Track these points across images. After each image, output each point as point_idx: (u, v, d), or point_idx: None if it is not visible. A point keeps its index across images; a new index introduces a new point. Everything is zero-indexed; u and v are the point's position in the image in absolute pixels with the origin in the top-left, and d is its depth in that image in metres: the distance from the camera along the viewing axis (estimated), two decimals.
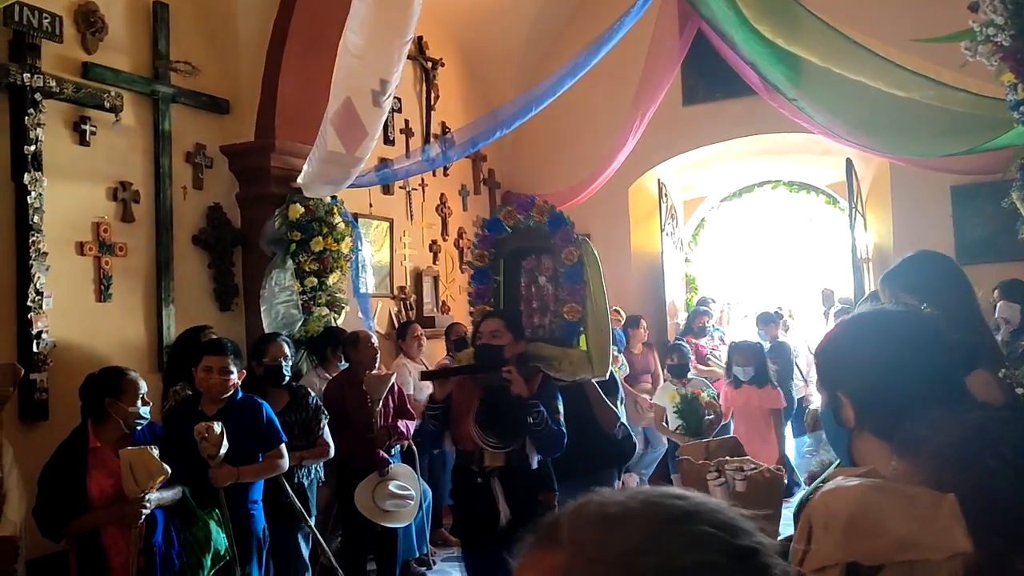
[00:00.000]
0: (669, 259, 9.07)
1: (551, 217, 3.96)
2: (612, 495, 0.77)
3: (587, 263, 3.86)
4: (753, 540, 0.74)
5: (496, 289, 4.16)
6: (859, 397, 1.52)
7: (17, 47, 4.43)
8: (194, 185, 5.49)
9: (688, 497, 0.76)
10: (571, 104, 7.64)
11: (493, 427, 3.54)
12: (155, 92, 5.20)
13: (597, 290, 3.84)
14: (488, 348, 3.60)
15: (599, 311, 3.83)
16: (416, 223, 7.80)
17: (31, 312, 4.36)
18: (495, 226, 4.16)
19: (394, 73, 5.28)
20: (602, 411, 4.00)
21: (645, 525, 0.72)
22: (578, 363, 3.74)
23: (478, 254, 4.17)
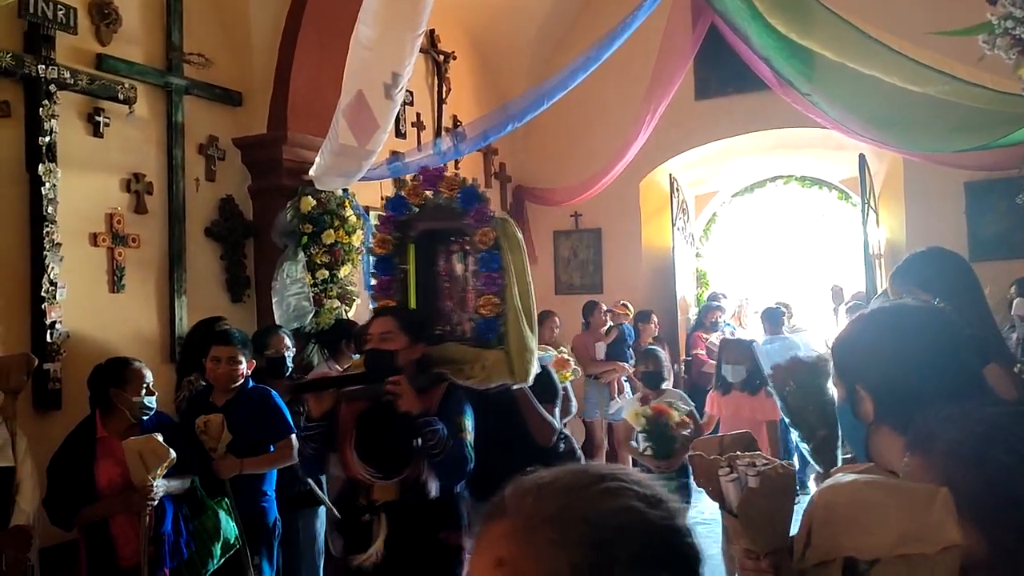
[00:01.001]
0: (680, 254, 9.06)
1: (463, 192, 3.34)
2: (545, 471, 0.90)
3: (507, 247, 3.30)
4: (659, 491, 0.87)
5: (404, 280, 3.57)
6: (879, 390, 1.51)
7: (32, 39, 4.45)
8: (207, 177, 5.51)
9: (606, 466, 0.92)
10: (583, 98, 7.62)
11: (374, 453, 2.95)
12: (168, 84, 5.22)
13: (520, 279, 3.30)
14: (376, 354, 3.02)
15: (522, 304, 3.29)
16: None
17: (45, 302, 4.39)
18: (398, 204, 3.51)
19: (406, 66, 5.28)
20: (536, 423, 3.44)
21: (571, 485, 0.86)
22: (494, 367, 3.19)
23: (378, 239, 3.54)
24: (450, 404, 3.05)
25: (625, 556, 0.79)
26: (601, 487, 0.85)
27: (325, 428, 3.00)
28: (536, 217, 9.32)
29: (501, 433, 3.28)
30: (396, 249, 3.53)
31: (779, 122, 7.86)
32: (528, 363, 3.24)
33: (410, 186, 3.48)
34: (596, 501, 0.83)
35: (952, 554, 1.15)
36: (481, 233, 3.30)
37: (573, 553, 0.79)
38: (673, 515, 0.85)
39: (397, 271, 3.54)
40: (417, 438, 2.88)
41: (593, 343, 7.58)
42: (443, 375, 3.13)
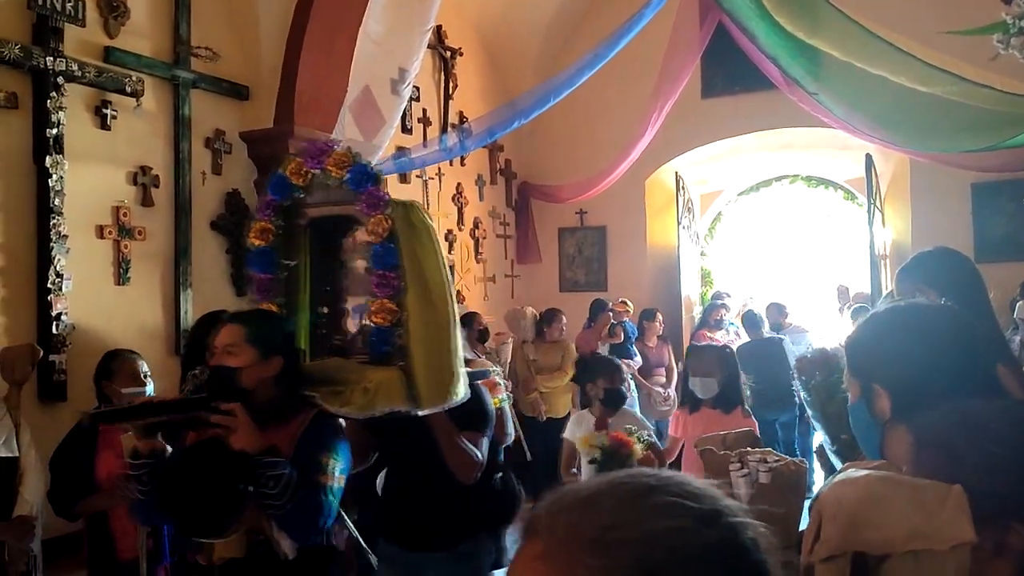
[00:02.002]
0: (685, 253, 9.05)
1: (352, 172, 2.67)
2: (584, 482, 0.81)
3: (408, 237, 2.63)
4: (718, 504, 0.77)
5: (292, 279, 2.90)
6: (897, 388, 1.50)
7: (40, 30, 4.46)
8: (213, 170, 5.52)
9: (654, 473, 0.80)
10: (589, 95, 7.63)
11: (189, 502, 2.26)
12: (176, 77, 5.23)
13: (433, 276, 2.63)
14: (216, 373, 2.43)
15: (431, 310, 2.62)
16: (432, 212, 7.80)
17: (51, 294, 4.40)
18: (280, 186, 2.82)
19: (413, 62, 5.30)
20: (454, 457, 2.78)
21: (613, 502, 0.76)
22: (380, 390, 2.51)
23: (257, 228, 2.84)
24: (313, 438, 2.44)
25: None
26: (649, 503, 0.75)
27: (154, 466, 2.33)
28: (541, 214, 9.32)
29: (413, 466, 2.86)
30: (281, 241, 2.84)
31: (785, 121, 7.86)
32: (444, 386, 2.59)
33: (293, 163, 2.80)
34: (643, 521, 0.73)
35: (963, 552, 1.16)
36: (373, 222, 2.61)
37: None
38: (735, 531, 0.76)
39: (282, 268, 2.84)
40: (251, 483, 2.24)
41: (596, 341, 7.58)
42: (310, 400, 2.49)
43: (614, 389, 4.15)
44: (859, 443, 1.66)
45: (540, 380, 7.07)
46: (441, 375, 2.60)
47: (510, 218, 9.16)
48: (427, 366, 2.58)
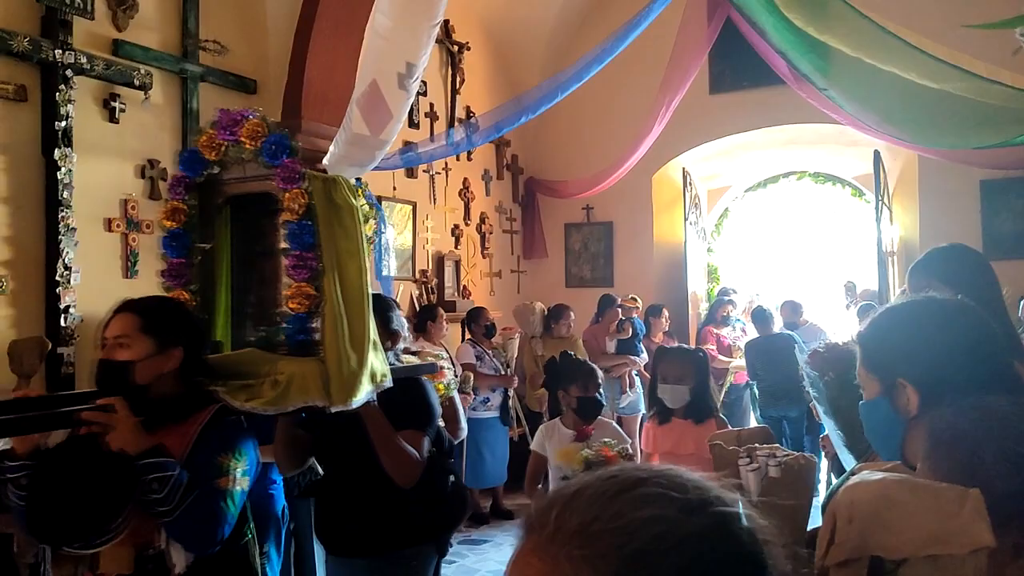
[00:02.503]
0: (692, 249, 9.04)
1: (267, 143, 2.42)
2: (576, 479, 0.82)
3: (328, 216, 2.41)
4: (707, 494, 0.77)
5: (207, 264, 2.65)
6: (926, 383, 1.46)
7: (49, 23, 4.46)
8: None
9: (646, 468, 0.81)
10: (597, 90, 7.61)
11: (62, 509, 1.97)
12: (184, 71, 5.22)
13: (350, 260, 2.43)
14: (104, 367, 2.21)
15: (346, 296, 2.41)
16: (439, 207, 7.80)
17: (59, 287, 4.41)
18: (192, 161, 2.60)
19: (422, 56, 5.26)
20: (389, 458, 2.60)
21: (599, 495, 0.77)
22: (292, 385, 2.30)
23: (168, 209, 2.60)
24: (212, 436, 2.22)
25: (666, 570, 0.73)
26: (634, 494, 0.76)
27: (33, 468, 2.05)
28: (548, 209, 9.31)
29: (357, 467, 2.64)
30: (195, 221, 2.60)
31: (794, 117, 7.83)
32: (356, 378, 2.36)
33: (204, 135, 2.55)
34: (626, 511, 0.75)
35: (982, 556, 1.15)
36: (289, 197, 2.37)
37: (601, 569, 0.72)
38: (724, 520, 0.75)
39: (195, 251, 2.60)
40: (133, 488, 2.00)
41: (604, 336, 7.57)
42: (213, 395, 2.27)
43: (588, 398, 3.80)
44: (874, 443, 1.63)
45: None
46: (352, 368, 2.36)
47: (516, 213, 9.15)
48: (338, 358, 2.35)
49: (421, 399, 2.82)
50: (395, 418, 2.64)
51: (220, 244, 2.69)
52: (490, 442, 6.74)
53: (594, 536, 0.74)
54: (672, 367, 3.78)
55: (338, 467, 2.83)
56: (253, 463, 2.32)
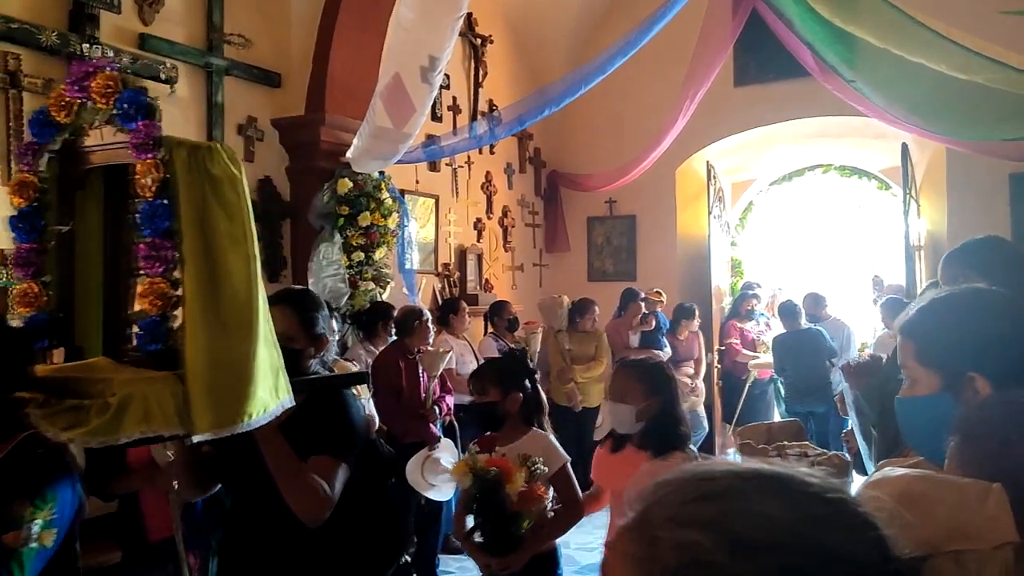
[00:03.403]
0: (716, 242, 8.98)
1: (120, 101, 1.93)
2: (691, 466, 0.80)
3: (197, 192, 1.87)
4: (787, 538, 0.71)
5: (62, 251, 2.12)
6: (1001, 374, 1.40)
7: (77, 17, 4.51)
8: (245, 158, 5.55)
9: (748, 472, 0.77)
10: (620, 83, 7.57)
11: None
12: (209, 65, 5.26)
13: (229, 248, 1.89)
14: None
15: (220, 295, 1.87)
16: (461, 200, 7.81)
17: None
18: (42, 124, 2.07)
19: (445, 49, 5.27)
20: (288, 490, 2.15)
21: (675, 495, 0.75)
22: (132, 407, 1.77)
23: (16, 183, 2.09)
24: (9, 475, 1.84)
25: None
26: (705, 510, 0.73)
27: None
28: (570, 203, 9.29)
29: (264, 499, 2.19)
30: (51, 198, 2.10)
31: (820, 110, 7.75)
32: (227, 402, 1.82)
33: (55, 91, 2.05)
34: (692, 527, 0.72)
35: (1006, 551, 1.13)
36: (141, 169, 1.87)
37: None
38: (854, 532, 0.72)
39: (49, 234, 2.09)
40: None
41: (627, 331, 7.55)
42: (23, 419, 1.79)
43: (484, 411, 3.16)
44: (914, 440, 1.57)
45: (577, 370, 7.06)
46: (227, 385, 1.84)
47: (539, 207, 9.14)
48: (203, 373, 1.81)
49: (339, 418, 2.32)
50: (306, 441, 2.20)
51: (87, 227, 2.18)
52: None
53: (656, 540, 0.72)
54: (616, 380, 3.00)
55: (243, 495, 2.37)
56: (67, 508, 1.89)
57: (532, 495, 2.81)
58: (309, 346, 2.40)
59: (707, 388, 8.12)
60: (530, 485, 2.82)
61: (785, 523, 0.72)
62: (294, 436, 2.18)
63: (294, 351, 2.27)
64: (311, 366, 2.42)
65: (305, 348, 2.38)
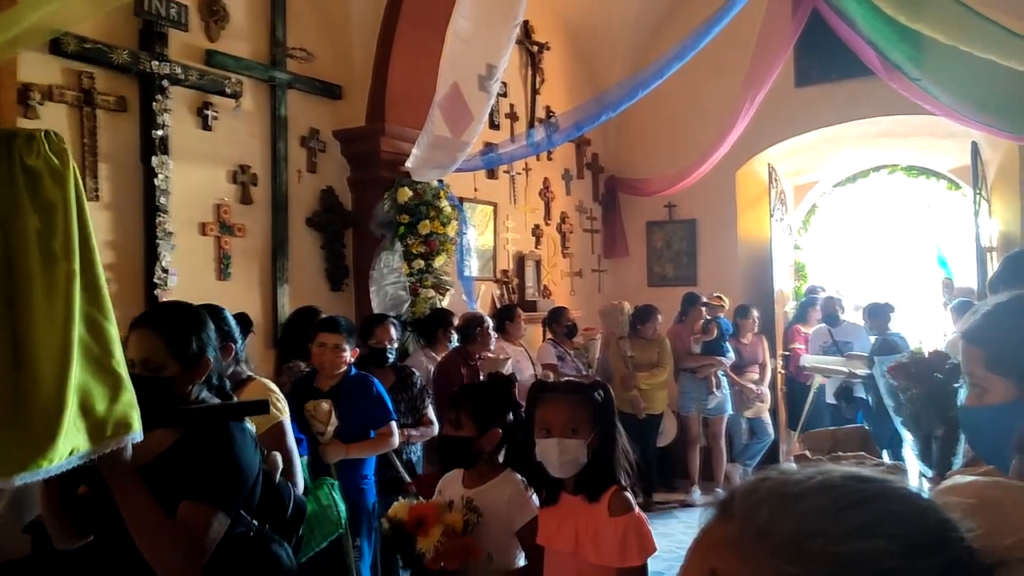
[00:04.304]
0: (778, 246, 8.84)
1: None
2: (793, 472, 0.74)
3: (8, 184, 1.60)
4: (946, 532, 0.69)
5: None
6: None
7: (146, 36, 4.66)
8: (308, 168, 5.67)
9: (874, 480, 0.73)
10: (678, 86, 7.50)
11: None
12: (272, 78, 5.39)
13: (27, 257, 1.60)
14: None
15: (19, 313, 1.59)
16: (519, 207, 7.84)
17: (157, 288, 4.60)
18: None
19: (502, 58, 5.31)
20: (145, 543, 1.85)
21: (823, 507, 0.70)
22: None
23: None
24: None
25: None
26: (863, 515, 0.68)
27: None
28: (629, 208, 9.25)
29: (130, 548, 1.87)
30: None
31: (884, 109, 7.58)
32: (33, 437, 1.53)
33: None
34: (851, 537, 0.66)
35: None
36: None
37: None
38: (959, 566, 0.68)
39: None
40: None
41: (689, 336, 7.48)
42: None
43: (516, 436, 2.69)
44: (981, 449, 1.52)
45: (640, 377, 7.03)
46: (22, 427, 1.54)
47: (597, 212, 9.11)
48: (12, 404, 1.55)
49: (218, 458, 1.97)
50: (177, 484, 1.91)
51: None
52: None
53: (811, 556, 0.67)
54: (557, 410, 2.39)
55: (108, 545, 2.00)
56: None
57: (453, 551, 2.46)
58: (185, 372, 2.06)
59: (772, 394, 8.00)
60: (453, 539, 2.47)
61: (927, 521, 0.70)
62: (167, 478, 1.91)
63: (159, 380, 2.01)
64: (194, 393, 2.09)
65: (179, 375, 2.04)
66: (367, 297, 5.63)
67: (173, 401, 2.04)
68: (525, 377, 6.35)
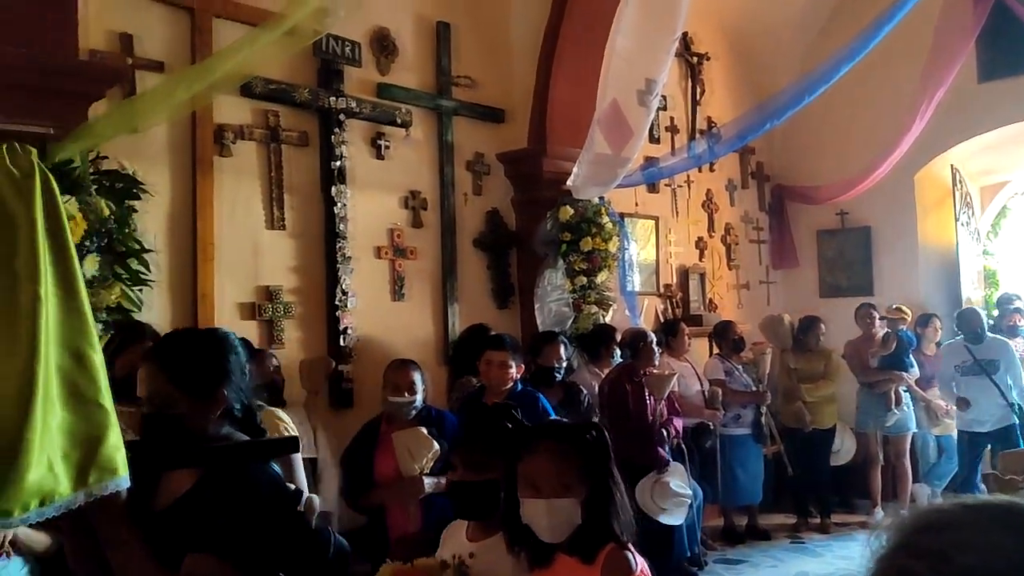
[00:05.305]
0: (965, 252, 8.25)
1: None
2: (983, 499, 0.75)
3: None
4: None
5: None
6: None
7: (324, 74, 5.00)
8: (474, 191, 5.86)
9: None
10: (849, 88, 7.18)
11: None
12: (439, 107, 5.62)
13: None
14: None
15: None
16: (682, 220, 7.74)
17: (339, 310, 4.90)
18: None
19: (661, 72, 5.30)
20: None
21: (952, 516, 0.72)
22: None
23: None
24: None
25: None
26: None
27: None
28: (798, 217, 8.91)
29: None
30: None
31: None
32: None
33: None
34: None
35: None
36: None
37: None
38: None
39: None
40: None
41: (867, 350, 7.11)
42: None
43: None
44: None
45: (805, 389, 6.78)
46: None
47: (764, 222, 8.84)
48: None
49: (233, 505, 1.76)
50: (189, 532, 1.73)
51: None
52: (742, 459, 6.58)
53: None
54: (544, 463, 2.03)
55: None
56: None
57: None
58: (196, 407, 1.86)
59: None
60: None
61: (1015, 555, 0.68)
62: (182, 525, 1.74)
63: (167, 418, 1.84)
64: (212, 429, 1.88)
65: (189, 411, 1.84)
66: (532, 314, 5.74)
67: (185, 440, 1.84)
68: (691, 393, 6.27)
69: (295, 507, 1.92)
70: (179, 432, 1.83)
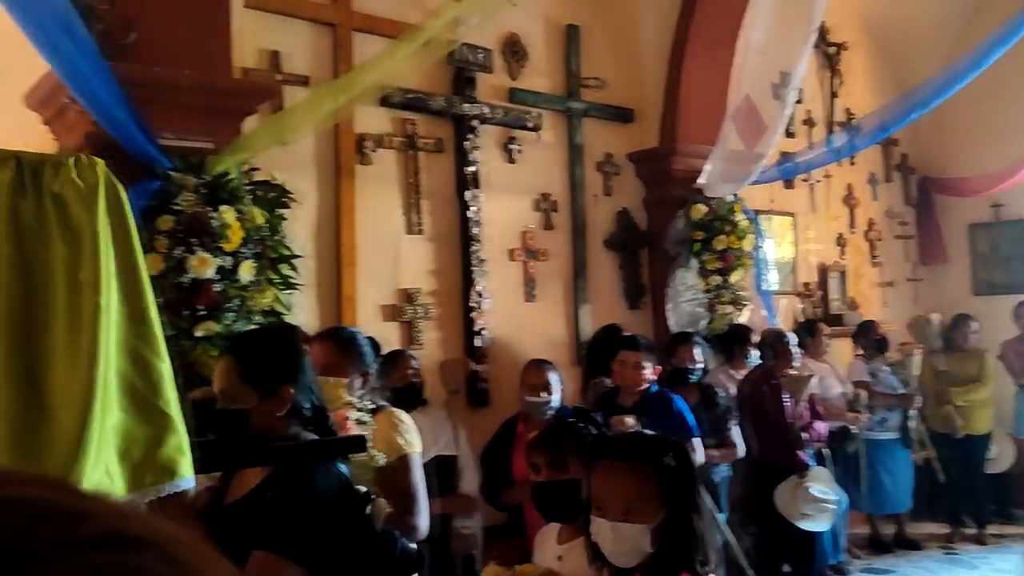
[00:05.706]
0: None
1: None
2: None
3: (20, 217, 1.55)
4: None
5: None
6: None
7: (458, 81, 5.13)
8: (604, 192, 5.87)
9: None
10: (1001, 74, 6.73)
11: None
12: (569, 109, 5.66)
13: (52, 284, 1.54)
14: None
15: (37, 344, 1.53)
16: (820, 216, 7.48)
17: (473, 312, 5.02)
18: None
19: (798, 64, 5.15)
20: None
21: None
22: None
23: None
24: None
25: None
26: None
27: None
28: (946, 210, 8.45)
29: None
30: None
31: None
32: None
33: None
34: None
35: None
36: None
37: None
38: None
39: None
40: None
41: None
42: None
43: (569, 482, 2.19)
44: None
45: (955, 392, 6.43)
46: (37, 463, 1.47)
47: (909, 216, 8.43)
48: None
49: (294, 505, 1.80)
50: (253, 529, 1.78)
51: None
52: (889, 465, 6.30)
53: None
54: (611, 483, 1.86)
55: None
56: None
57: None
58: (263, 403, 1.90)
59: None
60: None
61: None
62: (247, 521, 1.79)
63: (231, 413, 1.88)
64: (280, 428, 1.93)
65: (256, 407, 1.89)
66: (664, 315, 5.69)
67: (251, 438, 1.88)
68: (833, 395, 6.05)
69: (360, 509, 1.92)
70: (239, 428, 1.88)
